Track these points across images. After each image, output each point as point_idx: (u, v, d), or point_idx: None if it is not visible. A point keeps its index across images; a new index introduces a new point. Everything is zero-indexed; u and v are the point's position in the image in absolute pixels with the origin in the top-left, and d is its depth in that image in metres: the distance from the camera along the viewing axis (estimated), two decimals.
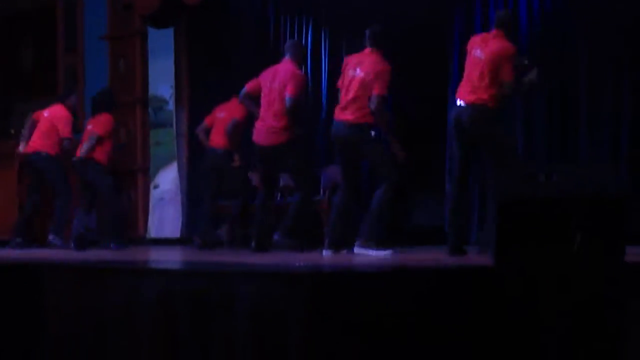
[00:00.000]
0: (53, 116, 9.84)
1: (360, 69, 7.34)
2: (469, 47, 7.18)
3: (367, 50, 7.44)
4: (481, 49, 6.98)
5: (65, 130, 9.70)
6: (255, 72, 8.68)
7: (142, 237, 11.74)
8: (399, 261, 6.08)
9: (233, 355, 3.94)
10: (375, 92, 7.19)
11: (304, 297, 3.80)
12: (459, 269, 4.93)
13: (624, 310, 4.17)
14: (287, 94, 7.91)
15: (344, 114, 7.35)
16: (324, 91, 10.32)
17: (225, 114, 9.44)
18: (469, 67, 7.05)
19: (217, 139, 9.40)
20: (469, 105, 6.88)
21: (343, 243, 7.33)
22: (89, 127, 9.58)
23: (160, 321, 4.26)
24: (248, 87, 8.38)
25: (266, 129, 8.03)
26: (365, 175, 8.92)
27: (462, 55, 8.89)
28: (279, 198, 9.63)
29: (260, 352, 3.85)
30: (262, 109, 8.14)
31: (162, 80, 11.80)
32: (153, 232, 11.78)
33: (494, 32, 7.08)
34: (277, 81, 8.04)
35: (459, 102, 6.99)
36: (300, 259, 6.32)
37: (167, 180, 11.75)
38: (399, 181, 7.28)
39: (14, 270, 5.28)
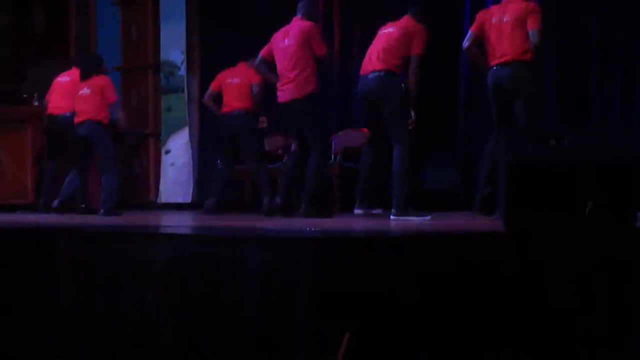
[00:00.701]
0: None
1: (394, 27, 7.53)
2: (485, 19, 7.20)
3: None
4: (502, 14, 7.06)
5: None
6: (268, 36, 8.64)
7: (154, 202, 11.78)
8: (409, 227, 6.07)
9: (242, 321, 3.94)
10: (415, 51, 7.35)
11: (315, 263, 3.80)
12: (470, 234, 4.91)
13: (635, 275, 4.16)
14: (320, 52, 7.88)
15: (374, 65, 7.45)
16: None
17: (240, 79, 9.35)
18: (494, 35, 7.09)
19: (233, 103, 9.29)
20: (508, 63, 7.01)
21: (374, 202, 7.36)
22: (87, 90, 9.43)
23: (170, 286, 4.27)
24: (262, 53, 8.31)
25: (287, 85, 7.94)
26: None
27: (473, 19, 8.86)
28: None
29: (269, 317, 3.85)
30: (279, 69, 8.06)
31: (173, 46, 11.79)
32: (164, 197, 11.81)
33: None
34: (292, 36, 7.96)
35: (495, 66, 7.08)
36: (317, 224, 6.31)
37: (179, 146, 11.76)
38: (412, 144, 7.31)
39: (24, 235, 5.30)
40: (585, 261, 4.20)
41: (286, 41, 7.99)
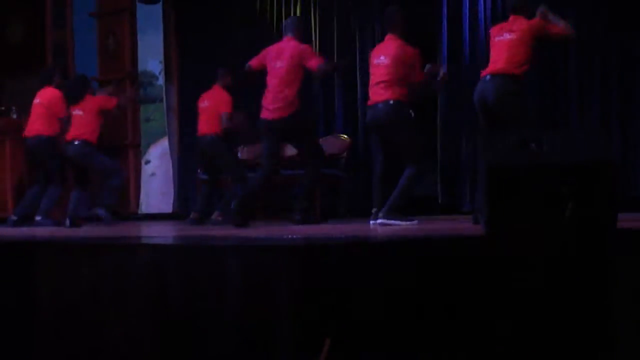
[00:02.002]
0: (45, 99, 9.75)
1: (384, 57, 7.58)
2: (491, 35, 7.25)
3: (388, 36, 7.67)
4: (508, 32, 7.07)
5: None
6: (244, 47, 8.67)
7: (134, 212, 11.75)
8: (393, 232, 6.07)
9: (224, 329, 3.93)
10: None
11: (296, 270, 3.79)
12: (452, 239, 4.92)
13: (616, 276, 4.17)
14: (314, 66, 7.98)
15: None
16: None
17: (209, 103, 9.40)
18: (495, 50, 7.19)
19: (204, 128, 9.38)
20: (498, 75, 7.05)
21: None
22: (79, 112, 9.48)
23: (151, 296, 4.26)
24: (252, 63, 8.40)
25: (275, 103, 8.06)
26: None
27: (451, 34, 8.94)
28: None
29: (251, 326, 3.84)
30: (269, 85, 8.17)
31: (151, 56, 11.79)
32: (145, 207, 11.79)
33: (512, 18, 7.16)
34: (285, 58, 8.08)
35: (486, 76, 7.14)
36: (301, 231, 6.32)
37: (159, 156, 11.75)
38: (423, 166, 7.50)
39: (4, 248, 5.27)
40: (565, 263, 4.21)
41: (278, 63, 8.11)
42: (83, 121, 9.37)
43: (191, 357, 4.03)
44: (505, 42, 7.06)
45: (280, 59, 8.10)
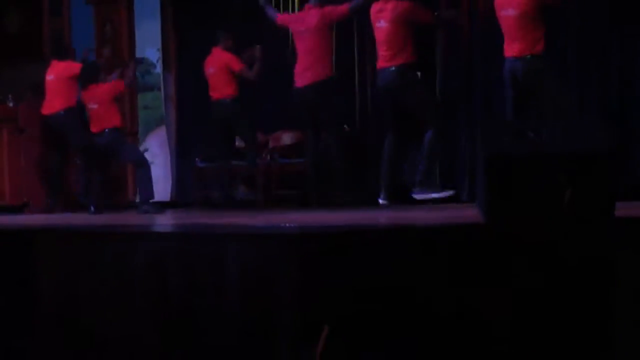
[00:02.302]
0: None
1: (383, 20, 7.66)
2: (496, 6, 7.23)
3: None
4: (509, 6, 7.06)
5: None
6: (242, 35, 8.67)
7: (132, 201, 11.74)
8: (391, 220, 6.08)
9: (223, 317, 3.95)
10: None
11: (295, 258, 3.80)
12: (450, 227, 4.93)
13: (613, 265, 4.19)
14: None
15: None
16: None
17: (214, 69, 9.38)
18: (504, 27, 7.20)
19: (219, 92, 9.34)
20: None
21: (397, 192, 7.45)
22: (94, 105, 9.53)
23: (151, 285, 4.27)
24: (279, 19, 8.76)
25: (305, 70, 8.32)
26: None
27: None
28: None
29: (250, 314, 3.86)
30: (299, 54, 8.43)
31: (149, 44, 11.78)
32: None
33: None
34: (308, 24, 8.33)
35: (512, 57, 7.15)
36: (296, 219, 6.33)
37: (156, 144, 11.74)
38: (444, 124, 7.61)
39: (5, 236, 5.28)
40: (564, 252, 4.23)
41: (303, 29, 8.36)
42: (101, 112, 9.40)
43: (192, 345, 4.05)
44: (511, 19, 7.10)
45: (305, 24, 8.39)
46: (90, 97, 9.49)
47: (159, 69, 11.72)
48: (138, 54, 11.87)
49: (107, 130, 9.38)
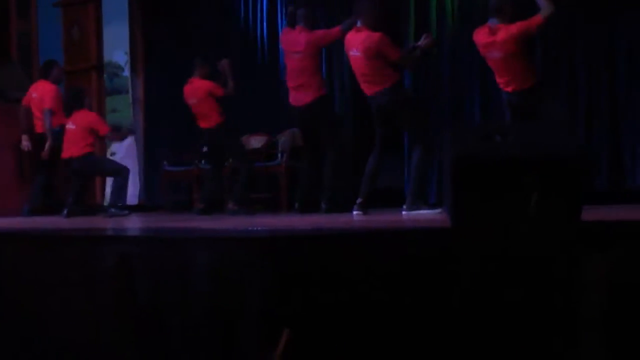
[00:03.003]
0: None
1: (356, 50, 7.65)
2: (479, 45, 7.25)
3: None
4: (493, 48, 7.09)
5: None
6: (212, 38, 8.63)
7: (100, 205, 11.68)
8: (360, 223, 6.09)
9: (191, 320, 3.93)
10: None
11: (263, 261, 3.80)
12: (417, 231, 4.94)
13: (580, 268, 4.21)
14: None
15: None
16: (281, 56, 10.26)
17: (196, 99, 9.22)
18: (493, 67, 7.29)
19: (207, 121, 9.22)
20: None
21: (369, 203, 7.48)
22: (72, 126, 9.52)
23: (119, 287, 4.25)
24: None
25: (298, 88, 8.34)
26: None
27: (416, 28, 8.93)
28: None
29: (218, 317, 3.85)
30: (289, 72, 8.48)
31: (116, 46, 11.72)
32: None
33: (494, 24, 7.17)
34: (298, 47, 8.35)
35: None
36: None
37: (124, 148, 11.69)
38: (432, 142, 7.61)
39: None
40: (531, 256, 4.24)
41: (295, 55, 8.39)
42: (77, 136, 9.42)
43: (157, 347, 4.03)
44: (498, 61, 7.16)
45: (296, 48, 8.43)
46: (73, 121, 9.51)
47: (127, 72, 11.66)
48: (106, 57, 11.83)
49: (78, 156, 9.42)
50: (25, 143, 10.12)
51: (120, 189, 9.40)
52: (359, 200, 7.49)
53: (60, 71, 10.37)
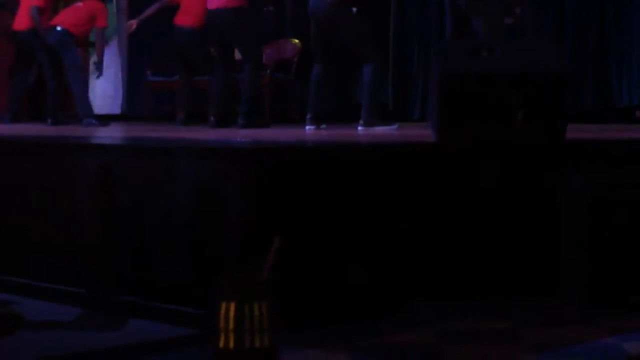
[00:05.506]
0: None
1: None
2: None
3: None
4: None
5: None
6: None
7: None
8: (342, 137, 6.07)
9: (171, 230, 3.93)
10: None
11: (245, 173, 3.78)
12: (402, 145, 4.93)
13: (563, 185, 4.21)
14: None
15: None
16: None
17: None
18: None
19: (184, 19, 8.98)
20: None
21: (322, 117, 7.35)
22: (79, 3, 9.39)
23: (99, 197, 4.22)
24: None
25: None
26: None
27: None
28: None
29: (199, 228, 3.84)
30: None
31: None
32: (93, 109, 11.65)
33: None
34: None
35: None
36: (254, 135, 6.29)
37: (107, 56, 11.57)
38: (384, 59, 7.36)
39: None
40: (514, 172, 4.25)
41: None
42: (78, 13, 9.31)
43: (139, 258, 4.03)
44: None
45: None
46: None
47: None
48: None
49: (58, 27, 9.19)
50: None
51: (82, 100, 9.24)
52: (308, 116, 7.38)
53: None
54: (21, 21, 9.55)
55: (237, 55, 8.63)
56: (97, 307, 4.05)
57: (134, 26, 9.38)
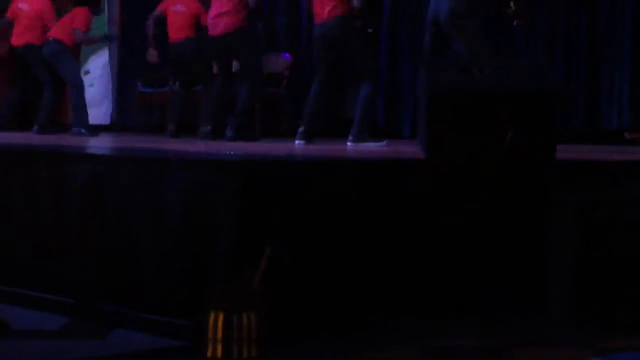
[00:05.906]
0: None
1: None
2: None
3: None
4: None
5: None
6: None
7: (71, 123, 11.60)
8: (331, 152, 6.07)
9: (160, 241, 3.92)
10: None
11: (235, 185, 3.78)
12: (391, 162, 4.94)
13: (552, 205, 4.22)
14: None
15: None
16: None
17: (185, 9, 9.08)
18: None
19: (176, 34, 9.07)
20: None
21: (314, 133, 7.36)
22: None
23: (88, 206, 4.22)
24: None
25: (220, 19, 8.13)
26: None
27: None
28: None
29: (188, 239, 3.84)
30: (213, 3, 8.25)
31: None
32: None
33: None
34: None
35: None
36: (239, 148, 6.29)
37: (98, 67, 11.58)
38: (377, 81, 7.52)
39: None
40: (504, 191, 4.25)
41: None
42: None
43: (130, 266, 4.03)
44: None
45: None
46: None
47: None
48: None
49: (51, 39, 9.21)
50: None
51: (78, 109, 9.25)
52: (300, 130, 7.40)
53: None
54: (19, 37, 9.58)
55: (235, 66, 8.67)
56: (84, 316, 4.04)
57: (156, 55, 9.39)
